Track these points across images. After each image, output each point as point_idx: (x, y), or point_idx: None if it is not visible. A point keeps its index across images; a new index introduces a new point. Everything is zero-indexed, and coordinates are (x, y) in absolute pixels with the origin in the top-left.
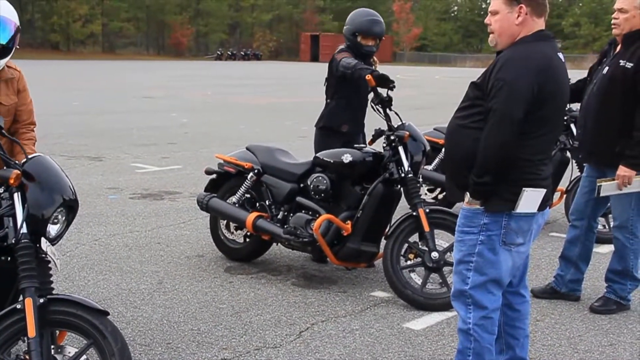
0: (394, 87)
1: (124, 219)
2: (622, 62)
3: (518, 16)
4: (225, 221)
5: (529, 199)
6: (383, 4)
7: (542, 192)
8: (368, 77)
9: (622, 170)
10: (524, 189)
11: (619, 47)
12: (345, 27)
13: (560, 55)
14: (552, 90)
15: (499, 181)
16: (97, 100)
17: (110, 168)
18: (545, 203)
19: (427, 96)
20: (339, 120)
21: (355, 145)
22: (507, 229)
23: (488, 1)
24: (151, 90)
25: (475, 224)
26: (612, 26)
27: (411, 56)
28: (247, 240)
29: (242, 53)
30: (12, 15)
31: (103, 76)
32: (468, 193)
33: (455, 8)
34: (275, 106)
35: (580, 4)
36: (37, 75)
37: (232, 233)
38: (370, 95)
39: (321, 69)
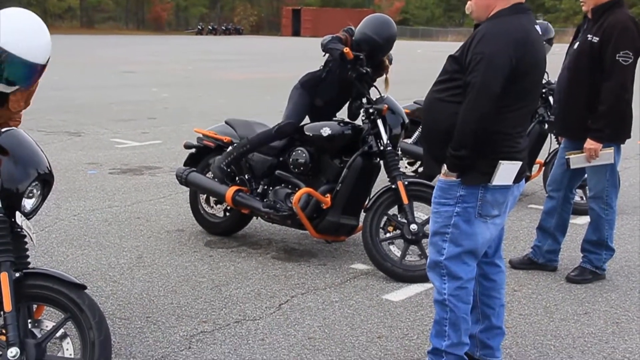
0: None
1: (103, 194)
2: (589, 37)
3: None
4: (205, 195)
5: (505, 172)
6: None
7: (518, 164)
8: (346, 49)
9: (589, 143)
10: (500, 162)
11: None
12: (359, 34)
13: (538, 27)
14: (530, 63)
15: (476, 154)
16: (76, 75)
17: (89, 143)
18: (521, 175)
19: (408, 71)
20: (318, 91)
21: (334, 119)
22: (482, 201)
23: None
24: (131, 65)
25: (451, 195)
26: (581, 3)
27: None
28: (227, 214)
29: (223, 28)
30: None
31: (82, 51)
32: (445, 165)
33: None
34: (255, 81)
35: None
36: None
37: (212, 207)
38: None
39: (303, 44)
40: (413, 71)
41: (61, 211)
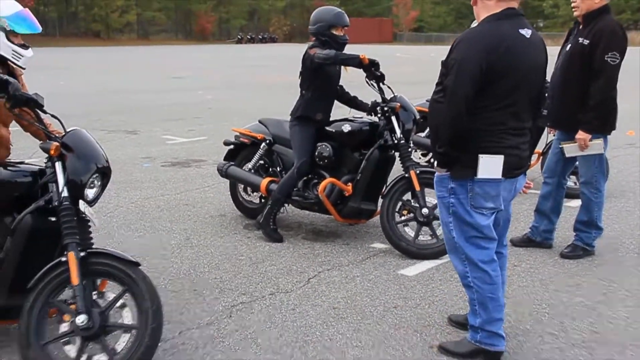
0: (379, 65)
1: (156, 184)
2: (580, 40)
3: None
4: (242, 185)
5: (487, 165)
6: None
7: (500, 158)
8: (362, 55)
9: (580, 134)
10: (480, 155)
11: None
12: (316, 25)
13: (526, 31)
14: (505, 66)
15: (460, 150)
16: (133, 81)
17: (144, 140)
18: (515, 171)
19: (423, 72)
20: (314, 110)
21: (354, 116)
22: (472, 192)
23: None
24: (180, 72)
25: (445, 187)
26: (573, 9)
27: (409, 37)
28: (262, 201)
29: (260, 37)
30: None
31: (138, 60)
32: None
33: None
34: (288, 84)
35: None
36: (82, 60)
37: (249, 195)
38: (356, 73)
39: None
40: (427, 72)
41: (120, 199)
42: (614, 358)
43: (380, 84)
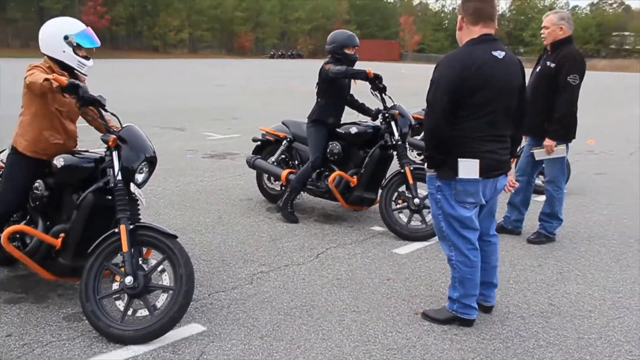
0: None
1: (196, 172)
2: (548, 63)
3: (459, 24)
4: (266, 175)
5: (465, 167)
6: (393, 18)
7: (476, 162)
8: (368, 70)
9: (547, 141)
10: (458, 159)
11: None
12: (332, 45)
13: (499, 53)
14: (478, 82)
15: (444, 154)
16: (184, 88)
17: (189, 136)
18: (493, 172)
19: (423, 85)
20: (327, 115)
21: (360, 120)
22: (455, 190)
23: None
24: (222, 80)
25: (433, 185)
26: (542, 38)
27: (413, 56)
28: (282, 188)
29: (289, 53)
30: None
31: (189, 71)
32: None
33: (446, 21)
34: (311, 92)
35: (537, 20)
36: (143, 70)
37: (272, 183)
38: (364, 85)
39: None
40: (427, 86)
41: (167, 184)
42: (565, 325)
43: (383, 94)
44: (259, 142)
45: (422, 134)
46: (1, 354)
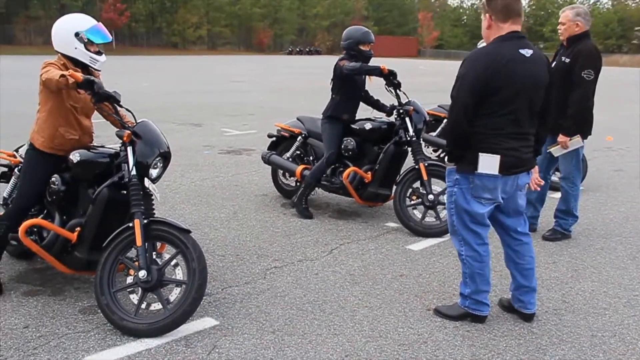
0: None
1: (213, 167)
2: (563, 58)
3: (486, 22)
4: (281, 171)
5: (486, 162)
6: (411, 14)
7: (497, 157)
8: (382, 66)
9: (560, 137)
10: (479, 154)
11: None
12: (347, 42)
13: (526, 51)
14: (503, 80)
15: (465, 148)
16: (202, 84)
17: (206, 132)
18: (514, 169)
19: (441, 82)
20: (342, 111)
21: (375, 116)
22: (473, 184)
23: None
24: (240, 77)
25: (451, 179)
26: (559, 34)
27: (431, 53)
28: (297, 184)
29: (307, 49)
30: None
31: (207, 67)
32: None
33: (465, 17)
34: (328, 89)
35: (556, 16)
36: (162, 66)
37: (287, 179)
38: (380, 81)
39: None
40: (445, 83)
41: (184, 179)
42: (579, 323)
43: (397, 90)
44: (274, 138)
45: (438, 130)
46: (19, 345)
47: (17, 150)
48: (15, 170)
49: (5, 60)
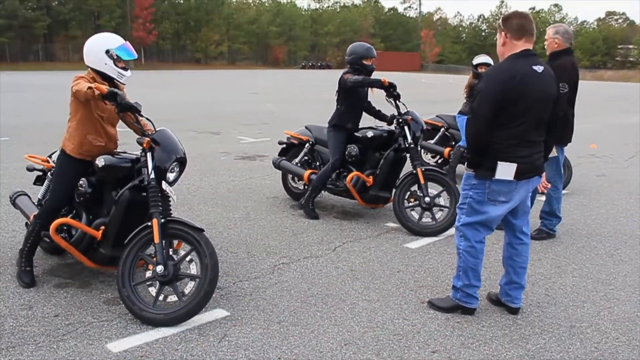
0: (396, 87)
1: (228, 172)
2: None
3: (501, 40)
4: (291, 175)
5: (503, 170)
6: (415, 32)
7: (514, 166)
8: (383, 79)
9: None
10: (498, 162)
11: None
12: (351, 57)
13: (538, 67)
14: (518, 94)
15: (483, 156)
16: (221, 95)
17: (224, 139)
18: (527, 174)
19: (442, 94)
20: (346, 120)
21: (377, 125)
22: (490, 189)
23: (486, 30)
24: (256, 89)
25: (468, 183)
26: (545, 49)
27: (433, 67)
28: (305, 187)
29: (319, 64)
30: None
31: (227, 80)
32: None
33: (464, 35)
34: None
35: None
36: (186, 80)
37: (296, 183)
38: (381, 93)
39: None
40: (445, 95)
41: (202, 182)
42: (560, 314)
43: (397, 101)
44: (284, 145)
45: (435, 138)
46: (50, 331)
47: (50, 156)
48: (48, 174)
49: (45, 75)
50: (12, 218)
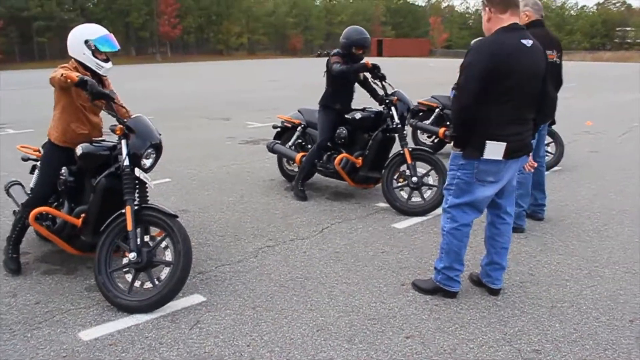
0: (380, 68)
1: (230, 156)
2: None
3: (486, 15)
4: (285, 158)
5: (492, 149)
6: (423, 19)
7: (503, 145)
8: (366, 61)
9: None
10: (486, 141)
11: None
12: (343, 40)
13: (527, 41)
14: (507, 68)
15: (471, 134)
16: (240, 84)
17: (232, 125)
18: (517, 153)
19: (446, 77)
20: (334, 101)
21: (366, 108)
22: (478, 169)
23: None
24: (275, 76)
25: (455, 163)
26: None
27: (442, 52)
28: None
29: (328, 52)
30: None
31: (247, 70)
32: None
33: (471, 21)
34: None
35: (548, 18)
36: (208, 70)
37: (291, 165)
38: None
39: (383, 61)
40: (450, 77)
41: (202, 167)
42: (541, 294)
43: (383, 82)
44: (278, 129)
45: (431, 119)
46: (27, 319)
47: (43, 147)
48: (38, 163)
49: None
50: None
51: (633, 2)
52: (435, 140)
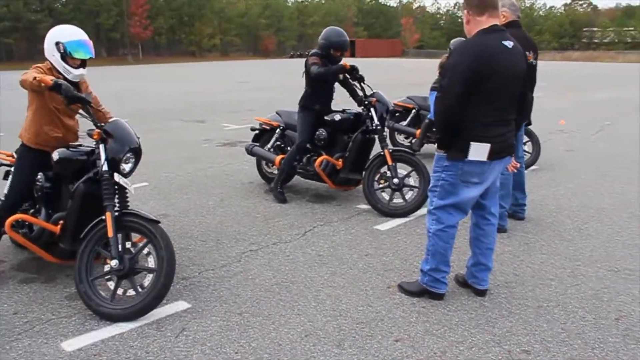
0: (358, 70)
1: (208, 159)
2: None
3: (466, 18)
4: (264, 161)
5: (476, 151)
6: (395, 19)
7: (487, 146)
8: (344, 63)
9: None
10: (470, 142)
11: None
12: (322, 41)
13: (508, 42)
14: (490, 70)
15: (455, 136)
16: (211, 85)
17: (208, 127)
18: (500, 154)
19: (420, 77)
20: (313, 102)
21: (345, 109)
22: (462, 170)
23: (462, 16)
24: (246, 78)
25: (440, 165)
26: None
27: (414, 52)
28: None
29: (306, 53)
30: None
31: (219, 71)
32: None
33: (442, 21)
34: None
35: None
36: (181, 72)
37: (270, 168)
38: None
39: (356, 62)
40: (424, 78)
41: (180, 170)
42: (527, 295)
43: (361, 83)
44: (257, 131)
45: (408, 120)
46: (5, 331)
47: (16, 152)
48: (12, 169)
49: None
50: None
51: (599, 3)
52: (413, 141)
